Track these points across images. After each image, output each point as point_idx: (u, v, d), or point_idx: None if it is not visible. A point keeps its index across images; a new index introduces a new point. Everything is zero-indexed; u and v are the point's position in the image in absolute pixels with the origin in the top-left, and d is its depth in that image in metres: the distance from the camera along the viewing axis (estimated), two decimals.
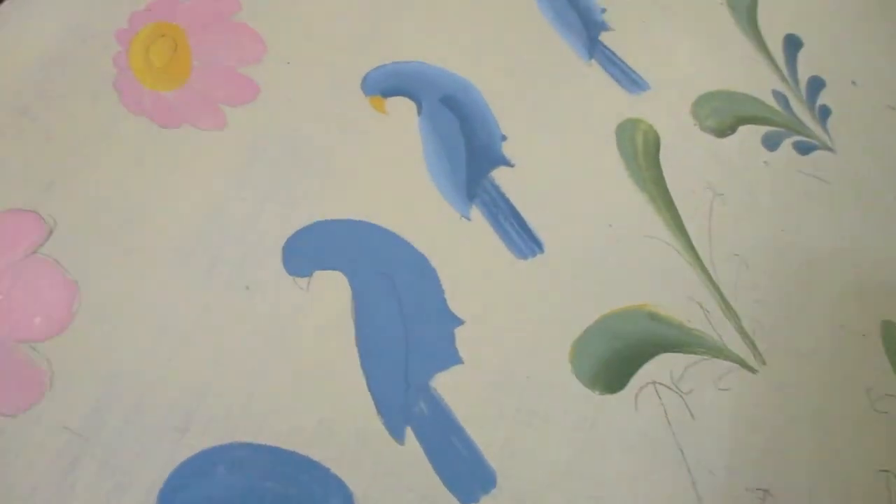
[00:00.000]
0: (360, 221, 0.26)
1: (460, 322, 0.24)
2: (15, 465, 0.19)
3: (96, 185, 0.24)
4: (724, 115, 0.34)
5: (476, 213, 0.27)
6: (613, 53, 0.34)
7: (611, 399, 0.24)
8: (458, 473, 0.22)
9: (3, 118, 0.25)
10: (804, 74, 0.35)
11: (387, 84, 0.30)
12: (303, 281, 0.24)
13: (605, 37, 0.35)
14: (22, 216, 0.23)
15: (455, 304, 0.25)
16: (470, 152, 0.29)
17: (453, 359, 0.24)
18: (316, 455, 0.21)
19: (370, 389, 0.23)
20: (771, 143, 0.33)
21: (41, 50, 0.27)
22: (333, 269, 0.25)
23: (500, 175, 0.29)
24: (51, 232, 0.23)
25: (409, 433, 0.22)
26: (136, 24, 0.29)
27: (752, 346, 0.26)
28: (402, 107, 0.30)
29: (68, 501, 0.19)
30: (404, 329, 0.24)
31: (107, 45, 0.28)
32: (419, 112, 0.29)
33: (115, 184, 0.25)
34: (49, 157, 0.25)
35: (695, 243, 0.29)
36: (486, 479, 0.22)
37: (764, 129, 0.33)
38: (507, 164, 0.29)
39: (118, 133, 0.26)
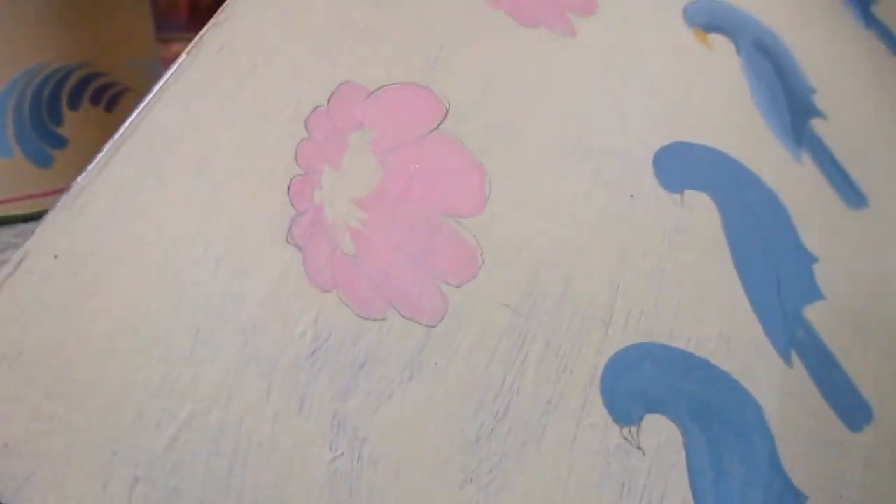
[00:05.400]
0: (714, 149, 0.26)
1: (816, 259, 0.25)
2: (468, 335, 0.20)
3: (473, 72, 0.25)
4: None
5: (806, 157, 0.28)
6: (887, 26, 0.35)
7: None
8: (841, 401, 0.23)
9: None
10: None
11: (705, 19, 0.30)
12: (676, 197, 0.24)
13: (875, 9, 0.36)
14: (419, 91, 0.23)
15: (805, 242, 0.26)
16: (789, 99, 0.30)
17: (817, 294, 0.25)
18: (722, 366, 0.22)
19: (755, 312, 0.23)
20: None
21: None
22: (701, 189, 0.25)
23: (816, 126, 0.29)
24: (446, 111, 0.23)
25: (794, 358, 0.23)
26: None
27: None
28: (722, 44, 0.30)
29: (524, 375, 0.20)
30: (771, 260, 0.25)
31: None
32: (738, 52, 0.30)
33: (491, 72, 0.25)
34: (425, 38, 0.25)
35: None
36: (865, 411, 0.23)
37: None
38: (822, 115, 0.30)
39: (482, 23, 0.26)
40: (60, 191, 0.44)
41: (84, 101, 0.42)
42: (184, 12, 0.66)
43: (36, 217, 0.42)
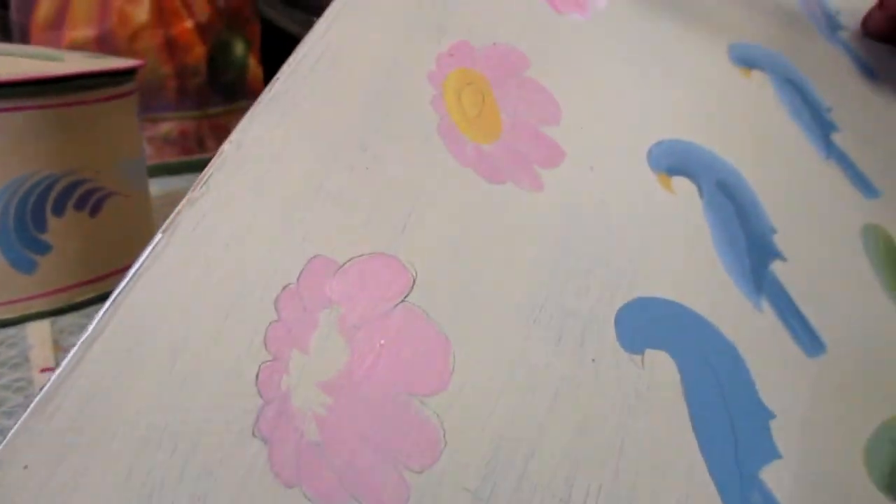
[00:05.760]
0: (673, 302, 0.27)
1: (773, 416, 0.26)
2: None
3: (441, 235, 0.25)
4: None
5: (765, 304, 0.29)
6: (846, 155, 0.36)
7: None
8: None
9: (348, 153, 0.26)
10: None
11: (669, 162, 0.31)
12: (637, 358, 0.25)
13: (835, 137, 0.37)
14: (387, 261, 0.24)
15: (763, 397, 0.26)
16: (750, 243, 0.31)
17: (773, 453, 0.25)
18: None
19: (712, 477, 0.24)
20: None
21: (368, 88, 0.28)
22: (660, 349, 0.26)
23: (776, 269, 0.30)
24: (414, 280, 0.24)
25: None
26: (443, 67, 0.30)
27: None
28: (685, 188, 0.31)
29: None
30: (729, 419, 0.25)
31: (423, 88, 0.29)
32: (701, 195, 0.31)
33: (458, 234, 0.26)
34: (396, 202, 0.25)
35: None
36: None
37: None
38: (782, 257, 0.31)
39: (451, 183, 0.27)
40: (43, 296, 0.45)
41: (68, 208, 0.43)
42: (172, 93, 0.67)
43: (16, 322, 0.42)
